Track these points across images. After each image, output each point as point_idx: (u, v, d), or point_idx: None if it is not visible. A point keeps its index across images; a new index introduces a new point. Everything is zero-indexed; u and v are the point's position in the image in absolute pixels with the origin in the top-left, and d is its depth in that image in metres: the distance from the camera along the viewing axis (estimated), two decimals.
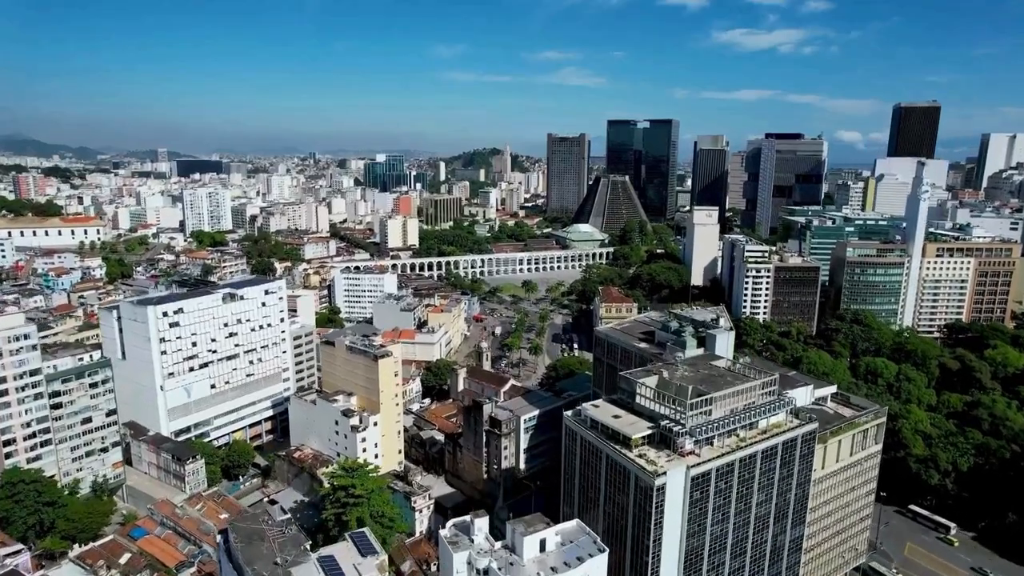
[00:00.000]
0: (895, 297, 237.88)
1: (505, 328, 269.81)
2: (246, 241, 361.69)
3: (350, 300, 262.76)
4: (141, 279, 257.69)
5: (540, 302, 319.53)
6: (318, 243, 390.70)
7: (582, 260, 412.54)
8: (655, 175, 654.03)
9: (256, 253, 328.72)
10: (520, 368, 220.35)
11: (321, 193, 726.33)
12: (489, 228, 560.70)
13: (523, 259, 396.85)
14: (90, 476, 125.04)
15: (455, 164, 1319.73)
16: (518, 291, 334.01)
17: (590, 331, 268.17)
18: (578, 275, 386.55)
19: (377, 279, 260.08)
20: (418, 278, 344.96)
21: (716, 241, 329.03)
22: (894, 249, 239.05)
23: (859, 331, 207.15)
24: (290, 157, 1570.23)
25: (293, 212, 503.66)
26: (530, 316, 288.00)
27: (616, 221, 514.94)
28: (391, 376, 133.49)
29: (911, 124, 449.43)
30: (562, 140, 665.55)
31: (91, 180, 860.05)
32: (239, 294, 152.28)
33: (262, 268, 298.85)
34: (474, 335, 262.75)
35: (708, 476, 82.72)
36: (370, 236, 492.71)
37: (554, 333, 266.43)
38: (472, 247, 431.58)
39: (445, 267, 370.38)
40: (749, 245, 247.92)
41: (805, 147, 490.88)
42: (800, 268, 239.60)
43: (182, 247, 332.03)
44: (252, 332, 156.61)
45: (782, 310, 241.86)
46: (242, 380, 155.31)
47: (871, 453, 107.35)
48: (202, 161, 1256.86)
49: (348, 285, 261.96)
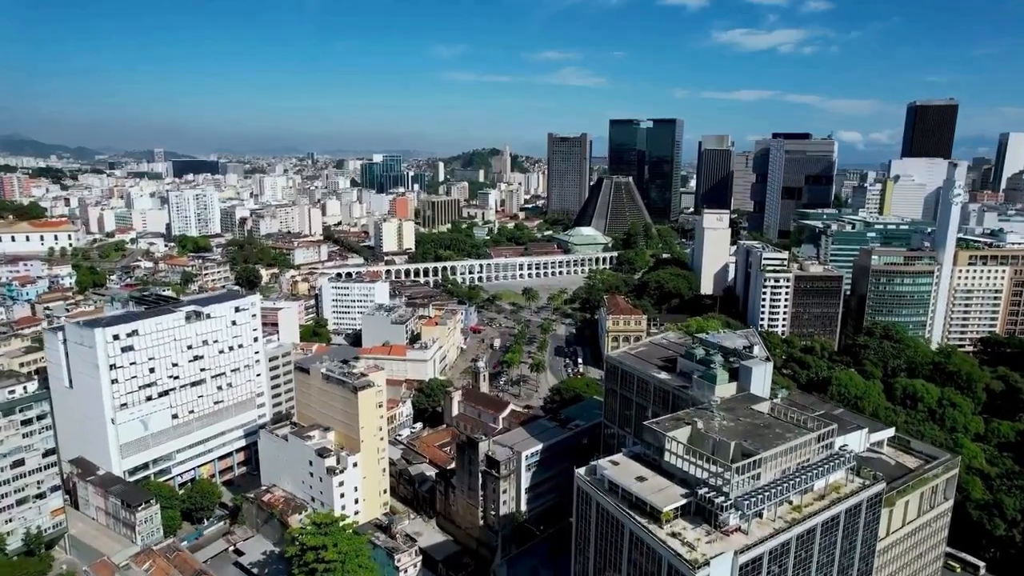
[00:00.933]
0: (923, 308, 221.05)
1: (504, 340, 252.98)
2: (231, 246, 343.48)
3: (339, 311, 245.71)
4: (115, 288, 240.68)
5: (541, 311, 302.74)
6: (309, 247, 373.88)
7: (585, 265, 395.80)
8: (658, 176, 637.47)
9: (241, 259, 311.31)
10: (521, 386, 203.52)
11: (316, 194, 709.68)
12: (488, 231, 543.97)
13: (523, 264, 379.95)
14: (22, 528, 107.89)
15: (454, 164, 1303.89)
16: (518, 299, 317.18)
17: (595, 343, 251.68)
18: (581, 281, 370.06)
19: (367, 288, 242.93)
20: (413, 285, 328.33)
21: (727, 246, 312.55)
22: (922, 256, 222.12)
23: (890, 347, 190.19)
24: (288, 157, 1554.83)
25: (285, 214, 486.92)
26: (531, 327, 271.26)
27: (619, 224, 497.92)
28: (373, 410, 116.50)
29: (926, 123, 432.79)
30: (563, 140, 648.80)
31: (83, 181, 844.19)
32: (205, 312, 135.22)
33: (247, 276, 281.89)
34: (471, 348, 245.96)
35: (760, 562, 65.75)
36: (365, 239, 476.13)
37: (557, 346, 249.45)
38: (470, 251, 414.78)
39: (441, 273, 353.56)
40: (766, 252, 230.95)
41: (815, 147, 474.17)
42: (822, 277, 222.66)
43: (162, 253, 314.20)
44: (221, 354, 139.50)
45: (802, 322, 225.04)
46: (209, 408, 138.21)
47: (942, 511, 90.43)
48: (199, 161, 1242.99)
49: (336, 295, 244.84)
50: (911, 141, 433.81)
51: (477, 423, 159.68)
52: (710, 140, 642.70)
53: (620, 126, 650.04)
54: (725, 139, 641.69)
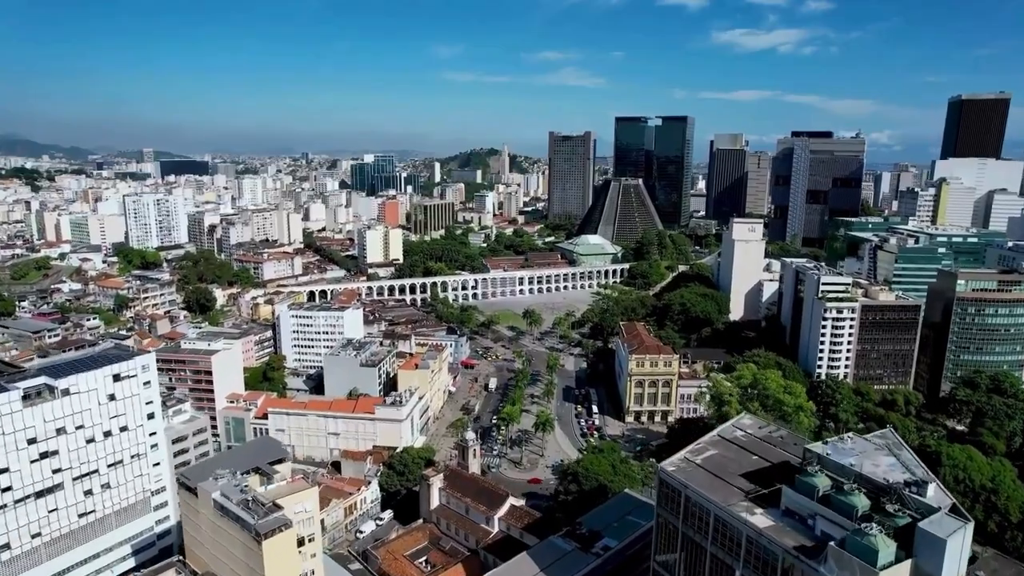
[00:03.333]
0: (1022, 345, 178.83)
1: (503, 377, 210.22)
2: (186, 260, 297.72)
3: (301, 345, 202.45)
4: (25, 317, 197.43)
5: (545, 336, 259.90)
6: (281, 259, 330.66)
7: (592, 279, 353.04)
8: (666, 177, 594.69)
9: (195, 277, 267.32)
10: (523, 449, 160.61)
11: (303, 197, 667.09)
12: (485, 237, 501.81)
13: (523, 278, 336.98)
14: None
15: (451, 165, 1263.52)
16: (518, 321, 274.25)
17: (611, 381, 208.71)
18: (588, 297, 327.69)
19: (334, 318, 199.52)
20: (397, 306, 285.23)
21: (761, 261, 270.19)
22: (1021, 281, 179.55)
23: (1001, 404, 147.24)
24: (281, 157, 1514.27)
25: (263, 220, 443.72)
26: (534, 358, 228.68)
27: (629, 231, 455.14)
28: (288, 566, 73.22)
29: (972, 119, 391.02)
30: (565, 139, 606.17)
31: (60, 182, 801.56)
32: (60, 387, 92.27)
33: (198, 298, 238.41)
34: (462, 390, 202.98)
35: None
36: (350, 248, 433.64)
37: (565, 385, 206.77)
38: (464, 262, 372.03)
39: (431, 289, 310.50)
40: (824, 276, 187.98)
41: (843, 147, 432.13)
42: (896, 307, 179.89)
43: (98, 271, 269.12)
44: (90, 444, 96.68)
45: (869, 363, 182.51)
46: (70, 526, 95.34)
47: None
48: (188, 162, 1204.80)
49: (297, 325, 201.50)
50: (957, 139, 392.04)
51: (463, 521, 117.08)
52: (723, 139, 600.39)
53: (626, 124, 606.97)
54: (739, 138, 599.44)
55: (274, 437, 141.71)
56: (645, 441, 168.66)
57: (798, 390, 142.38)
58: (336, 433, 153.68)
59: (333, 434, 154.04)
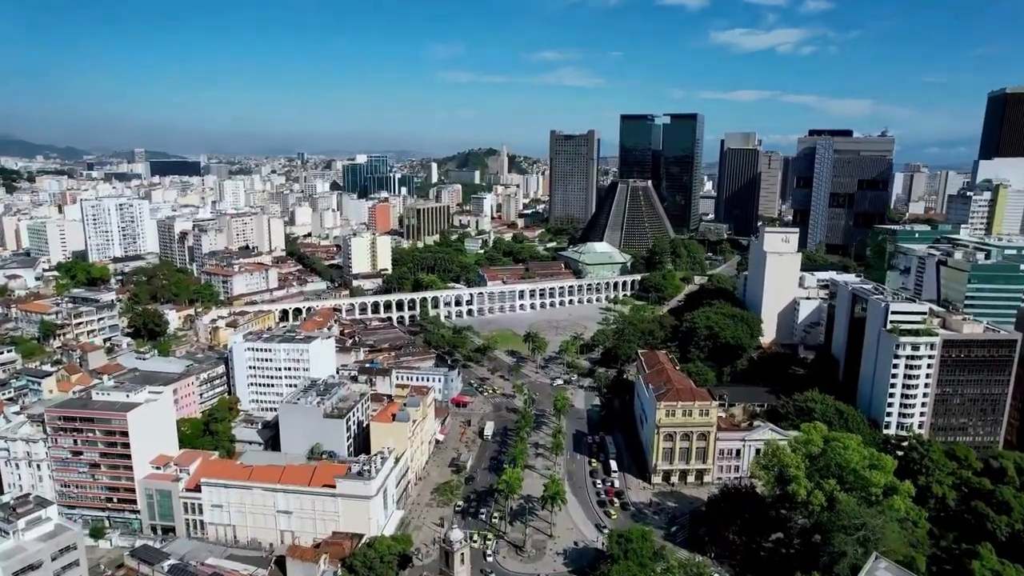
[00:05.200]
0: None
1: (500, 421, 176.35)
2: (140, 275, 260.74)
3: (258, 383, 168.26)
4: None
5: (551, 363, 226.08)
6: (254, 271, 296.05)
7: (600, 292, 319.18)
8: (674, 179, 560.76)
9: (148, 295, 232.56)
10: (526, 526, 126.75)
11: (290, 200, 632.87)
12: (482, 243, 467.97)
13: (524, 291, 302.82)
14: None
15: (449, 165, 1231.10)
16: (518, 344, 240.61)
17: (630, 424, 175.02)
18: (596, 313, 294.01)
19: (298, 351, 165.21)
20: (382, 326, 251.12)
21: (796, 275, 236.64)
22: None
23: None
24: (276, 157, 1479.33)
25: (243, 225, 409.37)
26: (538, 394, 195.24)
27: (638, 237, 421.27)
28: None
29: (1017, 116, 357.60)
30: (567, 138, 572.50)
31: (40, 184, 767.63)
32: None
33: (146, 322, 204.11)
34: (452, 436, 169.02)
35: None
36: (336, 255, 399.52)
37: (576, 430, 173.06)
38: (459, 273, 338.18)
39: (420, 306, 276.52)
40: (894, 303, 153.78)
41: (870, 147, 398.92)
42: (986, 342, 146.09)
43: (28, 290, 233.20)
44: None
45: (950, 410, 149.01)
46: None
47: None
48: (180, 162, 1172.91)
49: (254, 361, 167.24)
50: (999, 137, 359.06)
51: None
52: (734, 138, 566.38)
53: (632, 122, 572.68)
54: (751, 137, 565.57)
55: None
56: (678, 511, 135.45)
57: (887, 464, 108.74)
58: (288, 511, 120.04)
59: (284, 512, 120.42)
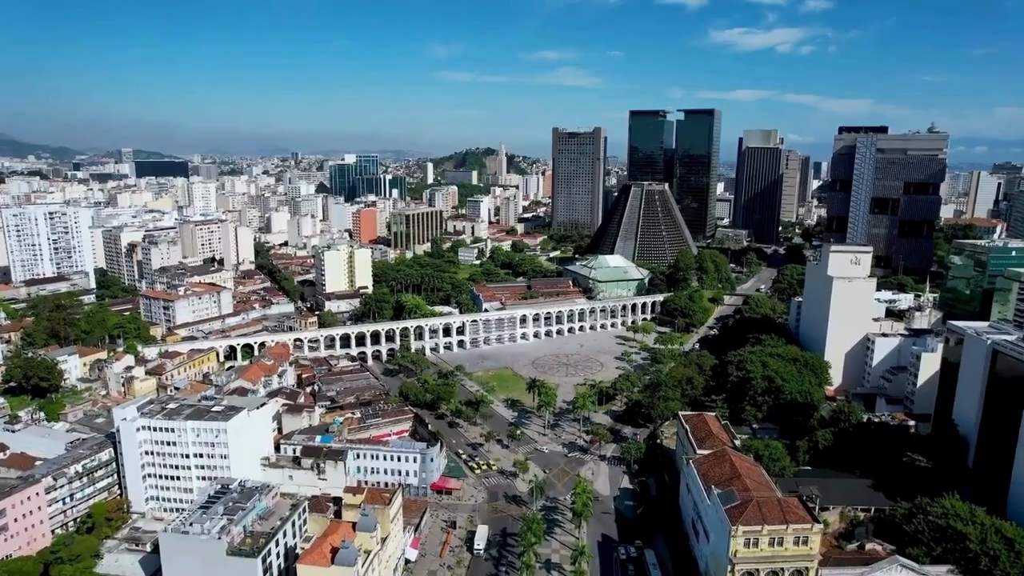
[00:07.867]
0: None
1: (498, 523, 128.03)
2: (37, 308, 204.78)
3: (158, 476, 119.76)
4: None
5: (562, 418, 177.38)
6: (203, 294, 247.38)
7: (616, 316, 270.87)
8: (688, 181, 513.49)
9: (43, 335, 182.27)
10: None
11: (272, 203, 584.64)
12: (478, 252, 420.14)
13: (526, 317, 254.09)
14: None
15: (446, 165, 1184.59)
16: (519, 390, 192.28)
17: (676, 528, 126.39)
18: (611, 342, 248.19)
19: (213, 434, 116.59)
20: (351, 368, 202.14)
21: (870, 307, 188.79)
22: None
23: None
24: (270, 157, 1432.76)
25: (208, 235, 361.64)
26: (549, 470, 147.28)
27: (655, 248, 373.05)
28: None
29: None
30: (571, 136, 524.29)
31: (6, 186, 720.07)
32: None
33: (30, 374, 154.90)
34: (430, 550, 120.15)
35: None
36: (312, 269, 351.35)
37: (602, 534, 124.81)
38: (449, 293, 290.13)
39: (401, 338, 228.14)
40: None
41: (920, 144, 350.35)
42: None
43: None
44: None
45: None
46: None
47: None
48: (167, 162, 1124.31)
49: (151, 445, 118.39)
50: None
51: None
52: (754, 136, 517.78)
53: (642, 119, 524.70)
54: (773, 135, 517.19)
55: None
56: None
57: None
58: None
59: None
